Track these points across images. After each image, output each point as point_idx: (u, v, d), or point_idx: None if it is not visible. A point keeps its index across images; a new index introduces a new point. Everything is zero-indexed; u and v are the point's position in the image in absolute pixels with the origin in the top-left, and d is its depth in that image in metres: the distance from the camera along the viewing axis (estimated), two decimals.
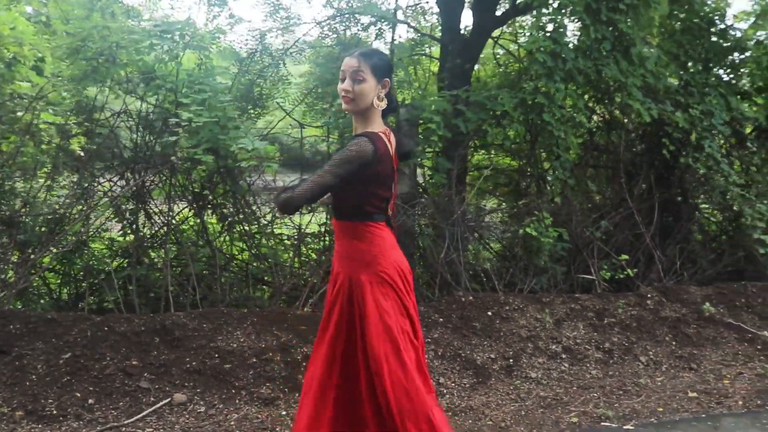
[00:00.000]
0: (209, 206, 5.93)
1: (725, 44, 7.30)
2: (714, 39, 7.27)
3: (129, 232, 5.87)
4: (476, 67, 8.71)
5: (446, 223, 6.06)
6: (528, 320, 5.48)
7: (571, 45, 6.33)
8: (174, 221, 5.80)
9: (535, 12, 6.51)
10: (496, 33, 8.94)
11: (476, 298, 5.65)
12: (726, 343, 5.58)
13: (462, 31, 8.30)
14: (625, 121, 7.05)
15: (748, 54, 7.25)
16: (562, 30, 6.26)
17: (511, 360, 5.06)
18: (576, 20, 6.42)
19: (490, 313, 5.48)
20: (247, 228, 6.04)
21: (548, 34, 6.22)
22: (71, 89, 5.55)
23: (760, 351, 5.52)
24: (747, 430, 4.14)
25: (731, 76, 7.37)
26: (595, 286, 6.20)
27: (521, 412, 4.43)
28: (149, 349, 4.60)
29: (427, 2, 10.58)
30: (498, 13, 8.24)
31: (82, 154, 5.63)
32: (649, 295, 5.97)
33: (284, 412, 4.28)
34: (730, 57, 7.40)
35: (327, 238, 6.33)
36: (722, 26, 7.33)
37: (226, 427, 4.05)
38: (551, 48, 6.09)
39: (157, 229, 5.90)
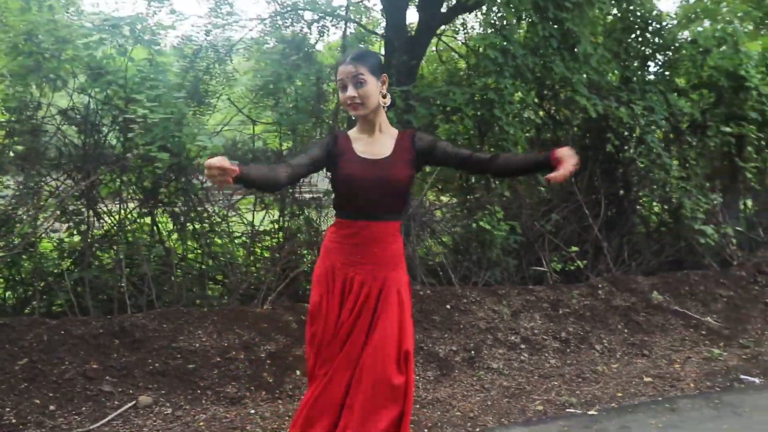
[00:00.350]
0: (161, 205, 5.80)
1: (661, 43, 7.58)
2: (650, 38, 7.54)
3: (75, 233, 5.69)
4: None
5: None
6: (486, 312, 5.57)
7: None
8: (128, 219, 5.65)
9: (485, 9, 6.62)
10: (438, 30, 9.03)
11: (434, 292, 5.71)
12: (674, 329, 5.79)
13: (407, 28, 8.35)
14: (571, 116, 7.21)
15: (683, 52, 7.50)
16: (511, 27, 6.37)
17: (472, 352, 5.13)
18: (524, 18, 6.55)
19: (448, 306, 5.55)
20: (199, 226, 5.94)
21: (498, 31, 6.32)
22: (13, 85, 5.34)
23: (705, 336, 5.76)
24: (701, 410, 4.33)
25: (668, 73, 7.64)
26: (547, 278, 6.34)
27: (487, 402, 4.50)
28: (109, 351, 4.47)
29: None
30: (443, 9, 8.31)
31: (12, 154, 5.42)
32: (599, 286, 6.15)
33: (252, 411, 4.24)
34: (667, 55, 7.68)
35: (280, 235, 6.29)
36: (657, 26, 7.60)
37: (195, 428, 3.99)
38: (501, 45, 6.21)
39: (107, 229, 5.74)
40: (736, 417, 4.18)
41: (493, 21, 6.51)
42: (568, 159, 2.57)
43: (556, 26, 6.54)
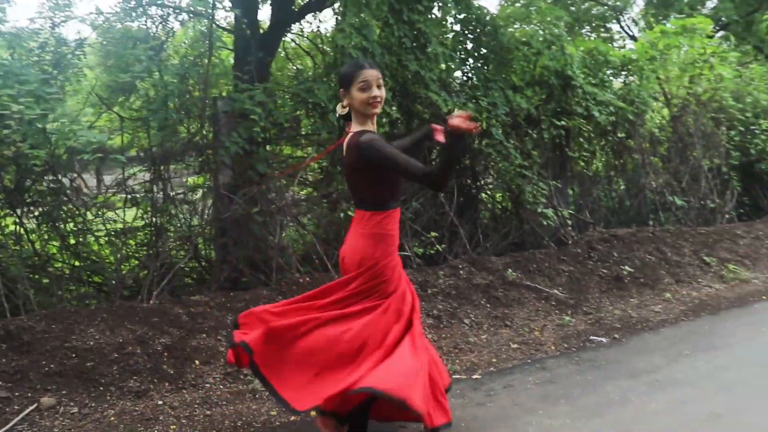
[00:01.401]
0: (27, 204, 5.58)
1: (495, 44, 8.26)
2: (485, 39, 8.21)
3: None
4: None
5: (274, 210, 6.30)
6: None
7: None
8: None
9: (341, 9, 6.93)
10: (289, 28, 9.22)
11: (313, 279, 5.95)
12: (528, 302, 6.44)
13: (259, 25, 8.48)
14: (422, 111, 7.70)
15: (516, 53, 8.24)
16: (369, 27, 6.73)
17: None
18: (381, 18, 6.95)
19: None
20: (65, 225, 5.78)
21: (358, 31, 6.66)
22: None
23: (555, 306, 6.46)
24: (566, 366, 4.95)
25: (503, 73, 8.34)
26: (411, 262, 6.79)
27: None
28: None
29: None
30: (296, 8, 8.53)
31: None
32: (460, 266, 6.69)
33: (160, 402, 4.28)
34: (500, 55, 8.38)
35: (146, 231, 6.26)
36: (491, 29, 8.29)
37: (108, 423, 3.98)
38: (361, 44, 6.56)
39: None
40: (596, 369, 4.84)
41: (354, 21, 6.81)
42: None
43: (408, 27, 7.01)
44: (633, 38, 16.90)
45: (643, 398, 4.21)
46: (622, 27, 17.53)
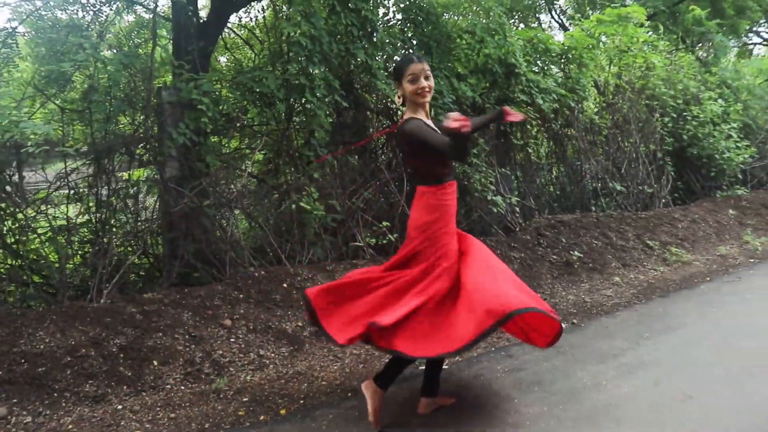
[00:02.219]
0: None
1: (437, 33, 8.24)
2: (428, 28, 8.19)
3: None
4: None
5: (225, 203, 6.13)
6: None
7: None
8: None
9: None
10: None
11: (268, 273, 5.83)
12: None
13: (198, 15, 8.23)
14: (371, 100, 7.64)
15: (459, 41, 8.26)
16: (317, 15, 6.61)
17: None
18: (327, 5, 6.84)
19: (285, 285, 5.70)
20: (8, 224, 5.47)
21: (306, 19, 6.52)
22: None
23: None
24: (532, 353, 4.94)
25: (447, 61, 8.34)
26: (363, 252, 6.71)
27: (345, 369, 4.77)
28: None
29: None
30: None
31: None
32: None
33: (119, 407, 4.11)
34: (444, 44, 8.37)
35: (88, 229, 6.01)
36: (434, 18, 8.27)
37: (66, 431, 3.78)
38: (310, 32, 6.43)
39: None
40: (561, 355, 4.86)
41: (302, 9, 6.66)
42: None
43: (354, 15, 6.92)
44: (564, 27, 17.19)
45: (615, 382, 4.26)
46: (553, 17, 17.80)
